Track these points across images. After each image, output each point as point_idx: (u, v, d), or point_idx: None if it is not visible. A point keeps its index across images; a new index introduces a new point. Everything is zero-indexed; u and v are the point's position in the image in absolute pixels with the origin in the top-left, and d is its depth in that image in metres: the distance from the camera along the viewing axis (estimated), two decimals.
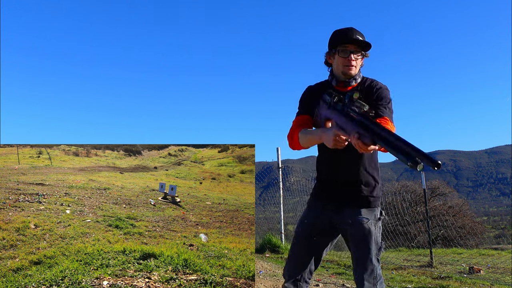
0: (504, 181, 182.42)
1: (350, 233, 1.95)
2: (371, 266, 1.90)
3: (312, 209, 2.08)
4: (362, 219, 1.92)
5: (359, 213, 1.94)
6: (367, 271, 1.90)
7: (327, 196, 2.02)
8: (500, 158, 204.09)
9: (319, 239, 2.03)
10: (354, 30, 1.90)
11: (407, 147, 1.26)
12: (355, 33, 1.88)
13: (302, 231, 2.05)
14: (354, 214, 1.94)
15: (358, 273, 1.92)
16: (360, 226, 1.92)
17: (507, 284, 4.48)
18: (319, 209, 2.04)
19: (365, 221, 1.92)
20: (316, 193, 2.10)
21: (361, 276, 1.90)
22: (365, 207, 1.96)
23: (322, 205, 2.03)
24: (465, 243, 11.41)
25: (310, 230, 2.03)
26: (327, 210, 2.01)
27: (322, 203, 2.04)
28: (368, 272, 1.90)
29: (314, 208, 2.07)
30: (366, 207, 1.96)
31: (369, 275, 1.89)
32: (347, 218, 1.95)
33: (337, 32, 1.94)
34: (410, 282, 4.74)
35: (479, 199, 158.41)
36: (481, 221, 22.87)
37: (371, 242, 1.91)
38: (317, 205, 2.06)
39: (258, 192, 12.39)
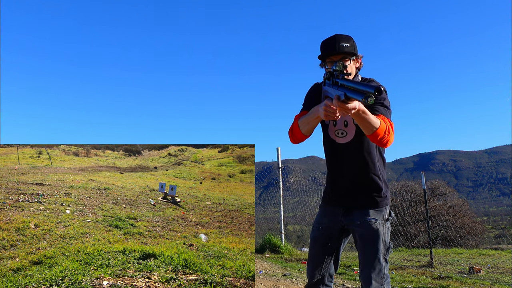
0: (504, 181, 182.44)
1: (359, 233, 1.98)
2: (379, 266, 1.93)
3: (325, 215, 2.12)
4: (370, 219, 1.96)
5: (367, 214, 1.98)
6: (375, 270, 1.92)
7: (336, 200, 2.07)
8: (500, 158, 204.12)
9: (333, 243, 2.07)
10: (337, 39, 1.93)
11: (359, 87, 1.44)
12: (337, 42, 1.91)
13: (318, 237, 2.10)
14: (362, 215, 1.98)
15: (366, 272, 1.93)
16: (368, 226, 1.96)
17: (507, 284, 4.48)
18: (331, 215, 2.08)
19: (373, 222, 1.96)
20: (326, 197, 2.15)
21: (368, 275, 1.92)
22: (373, 208, 1.99)
23: (333, 210, 2.07)
24: (465, 243, 11.41)
25: (325, 236, 2.07)
26: (337, 215, 2.05)
27: (332, 208, 2.08)
28: (376, 271, 1.92)
29: (326, 213, 2.11)
30: (374, 208, 1.99)
31: (376, 274, 1.92)
32: (356, 219, 1.99)
33: (322, 46, 1.98)
34: (410, 282, 4.74)
35: (479, 199, 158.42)
36: (481, 221, 22.85)
37: (379, 242, 1.94)
38: (328, 210, 2.10)
39: (258, 192, 12.40)
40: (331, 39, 1.95)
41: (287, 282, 4.93)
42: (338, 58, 1.94)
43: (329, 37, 1.96)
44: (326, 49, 1.95)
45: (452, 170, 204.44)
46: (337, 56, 1.93)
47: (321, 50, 1.99)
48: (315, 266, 2.09)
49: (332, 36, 1.96)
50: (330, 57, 1.95)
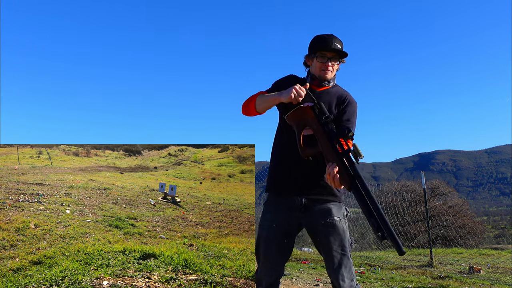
0: (504, 181, 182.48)
1: (324, 234, 1.93)
2: (349, 263, 1.94)
3: (278, 211, 1.99)
4: (334, 218, 1.93)
5: (329, 212, 1.93)
6: (346, 268, 1.93)
7: (292, 191, 1.97)
8: (500, 158, 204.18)
9: (290, 240, 2.00)
10: (334, 38, 1.96)
11: (381, 220, 1.54)
12: (334, 41, 1.95)
13: (273, 236, 1.97)
14: (325, 213, 1.93)
15: (337, 271, 1.92)
16: (333, 226, 1.93)
17: (507, 284, 4.48)
18: (286, 210, 1.97)
19: (338, 221, 1.94)
20: (276, 188, 2.03)
21: (341, 274, 1.92)
22: (332, 202, 1.95)
23: (287, 205, 1.96)
24: (465, 243, 11.41)
25: (280, 235, 1.97)
26: (293, 209, 1.95)
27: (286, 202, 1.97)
28: (347, 269, 1.93)
29: (279, 209, 1.99)
30: (333, 202, 1.96)
31: (348, 271, 1.93)
32: (318, 218, 1.93)
33: (318, 39, 2.00)
34: (410, 281, 4.74)
35: (479, 199, 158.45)
36: (481, 221, 22.84)
37: (345, 241, 1.94)
38: (282, 206, 1.99)
39: (258, 192, 12.38)
40: (327, 35, 1.97)
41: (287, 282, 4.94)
42: (331, 55, 1.96)
43: (324, 34, 1.99)
44: (322, 42, 1.96)
45: (452, 170, 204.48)
46: (331, 52, 1.95)
47: (315, 43, 1.99)
48: (273, 269, 1.99)
49: (328, 34, 1.98)
50: (323, 52, 1.96)
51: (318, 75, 2.00)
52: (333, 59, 1.97)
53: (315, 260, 6.61)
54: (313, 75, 2.03)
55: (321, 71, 1.98)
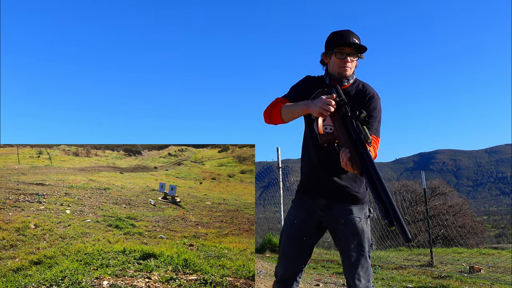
0: (504, 181, 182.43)
1: (344, 233, 1.95)
2: (366, 264, 1.94)
3: (301, 208, 2.06)
4: (354, 218, 1.94)
5: (350, 212, 1.95)
6: (363, 268, 1.92)
7: (315, 191, 2.01)
8: (500, 158, 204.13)
9: (309, 239, 2.02)
10: (352, 33, 1.95)
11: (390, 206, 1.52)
12: (352, 36, 1.93)
13: (293, 232, 2.03)
14: (345, 212, 1.95)
15: (353, 271, 1.93)
16: (353, 225, 1.93)
17: (508, 284, 4.48)
18: (308, 208, 2.02)
19: (358, 220, 1.94)
20: (302, 189, 2.09)
21: (357, 273, 1.92)
22: (355, 204, 1.97)
23: (310, 204, 2.02)
24: (465, 243, 11.40)
25: (301, 231, 2.01)
26: (315, 209, 2.00)
27: (310, 201, 2.02)
28: (364, 269, 1.93)
29: (302, 207, 2.05)
30: (354, 204, 1.97)
31: (364, 272, 1.93)
32: (339, 217, 1.95)
33: (335, 34, 1.98)
34: (410, 281, 4.74)
35: (479, 199, 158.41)
36: (481, 220, 22.84)
37: (364, 241, 1.94)
38: (305, 204, 2.05)
39: (258, 192, 12.39)
40: (345, 31, 1.96)
41: None
42: (349, 51, 1.93)
43: (342, 30, 1.97)
44: (340, 38, 1.94)
45: (452, 169, 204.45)
46: (349, 47, 1.93)
47: (332, 39, 1.97)
48: (289, 264, 2.03)
49: (346, 29, 1.96)
50: (342, 47, 1.93)
51: (337, 72, 1.97)
52: (351, 54, 1.94)
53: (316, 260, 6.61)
54: (332, 74, 2.00)
55: (340, 68, 1.95)
